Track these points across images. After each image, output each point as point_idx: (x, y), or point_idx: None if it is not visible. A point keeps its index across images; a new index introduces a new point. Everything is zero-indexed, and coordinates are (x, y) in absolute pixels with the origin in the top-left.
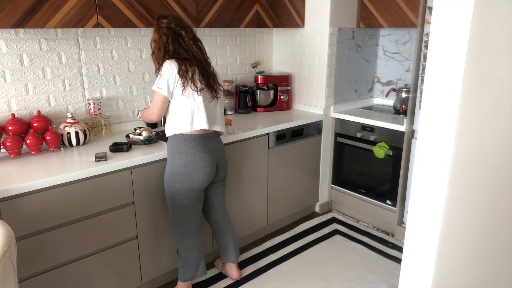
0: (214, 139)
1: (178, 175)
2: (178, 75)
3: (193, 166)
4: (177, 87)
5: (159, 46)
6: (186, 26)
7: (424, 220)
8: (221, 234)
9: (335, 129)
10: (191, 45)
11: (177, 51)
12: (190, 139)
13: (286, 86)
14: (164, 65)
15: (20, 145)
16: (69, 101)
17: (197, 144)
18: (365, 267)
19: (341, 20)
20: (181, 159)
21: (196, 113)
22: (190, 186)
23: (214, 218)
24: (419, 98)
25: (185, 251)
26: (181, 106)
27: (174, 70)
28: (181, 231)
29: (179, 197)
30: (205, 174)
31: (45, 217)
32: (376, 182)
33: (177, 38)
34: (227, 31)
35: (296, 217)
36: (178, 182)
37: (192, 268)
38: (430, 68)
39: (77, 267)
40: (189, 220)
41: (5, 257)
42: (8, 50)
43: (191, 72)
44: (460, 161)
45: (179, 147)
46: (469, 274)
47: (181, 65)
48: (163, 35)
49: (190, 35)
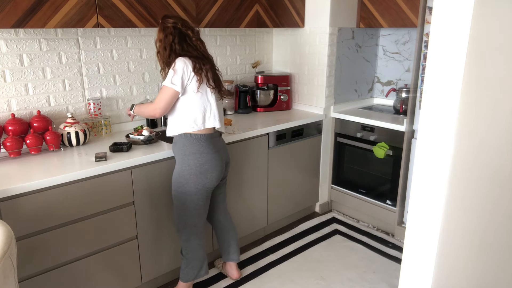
0: (219, 138)
1: (192, 175)
2: (193, 72)
3: (207, 166)
4: (191, 83)
5: (164, 45)
6: (192, 27)
7: (424, 220)
8: (224, 233)
9: (335, 129)
10: (199, 45)
11: (186, 49)
12: (203, 139)
13: (286, 86)
14: (178, 62)
15: (20, 145)
16: (69, 101)
17: (209, 144)
18: (365, 267)
19: (341, 20)
20: (195, 159)
21: (209, 111)
22: (204, 186)
23: (217, 218)
24: (419, 98)
25: (190, 251)
26: (193, 104)
27: (189, 67)
28: (187, 231)
29: (191, 197)
30: (218, 173)
31: (45, 217)
32: (376, 182)
33: (184, 37)
34: (227, 31)
35: (296, 217)
36: (192, 183)
37: (196, 268)
38: (430, 68)
39: (77, 267)
40: (197, 220)
41: (5, 257)
42: (8, 50)
43: (205, 70)
44: (460, 161)
45: (193, 147)
46: (469, 274)
47: (195, 62)
48: (169, 35)
49: (197, 35)
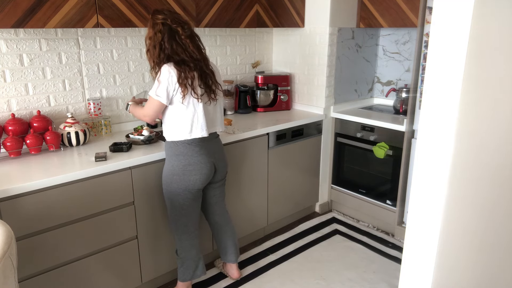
0: (213, 140)
1: (175, 176)
2: (178, 83)
3: (190, 168)
4: (176, 94)
5: (154, 43)
6: (183, 22)
7: (424, 220)
8: (221, 234)
9: (335, 129)
10: (188, 44)
11: (175, 50)
12: (188, 142)
13: (286, 86)
14: (163, 71)
15: (20, 145)
16: (69, 101)
17: (195, 147)
18: (365, 267)
19: (341, 20)
20: (179, 160)
21: (196, 122)
22: (187, 187)
23: (213, 218)
24: (419, 98)
25: (183, 251)
26: (179, 114)
27: (174, 78)
28: (179, 231)
29: (176, 198)
30: (202, 176)
31: (45, 217)
32: (376, 182)
33: (173, 35)
34: (227, 31)
35: (296, 217)
36: (175, 183)
37: (191, 268)
38: (430, 68)
39: (77, 267)
40: (187, 220)
41: (5, 257)
42: (8, 50)
43: (191, 78)
44: (460, 161)
45: (177, 149)
46: (469, 274)
47: (181, 72)
48: (158, 32)
49: (187, 32)
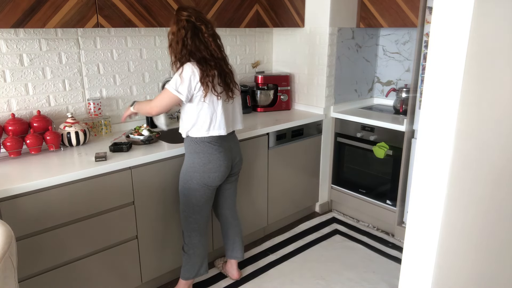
0: (230, 136)
1: (195, 173)
2: (200, 82)
3: (210, 165)
4: (197, 93)
5: (177, 39)
6: (206, 21)
7: (424, 220)
8: (230, 229)
9: (335, 129)
10: (211, 42)
11: (198, 47)
12: (207, 140)
13: (286, 86)
14: (186, 69)
15: (20, 145)
16: (69, 101)
17: (214, 145)
18: (365, 267)
19: (341, 20)
20: (199, 158)
21: (214, 120)
22: (206, 184)
23: (224, 212)
24: (419, 98)
25: (191, 247)
26: (200, 112)
27: (197, 77)
28: (190, 227)
29: (193, 194)
30: (221, 173)
31: (45, 217)
32: (376, 182)
33: (197, 33)
34: (227, 31)
35: (296, 217)
36: (195, 179)
37: (197, 265)
38: (430, 68)
39: (77, 267)
40: (199, 217)
41: (5, 257)
42: (8, 50)
43: (212, 77)
44: (460, 161)
45: (197, 147)
46: (469, 274)
47: (203, 71)
48: (182, 29)
49: (210, 31)
